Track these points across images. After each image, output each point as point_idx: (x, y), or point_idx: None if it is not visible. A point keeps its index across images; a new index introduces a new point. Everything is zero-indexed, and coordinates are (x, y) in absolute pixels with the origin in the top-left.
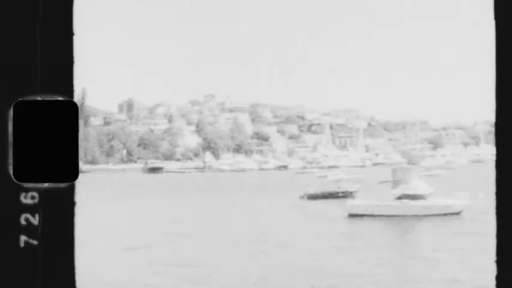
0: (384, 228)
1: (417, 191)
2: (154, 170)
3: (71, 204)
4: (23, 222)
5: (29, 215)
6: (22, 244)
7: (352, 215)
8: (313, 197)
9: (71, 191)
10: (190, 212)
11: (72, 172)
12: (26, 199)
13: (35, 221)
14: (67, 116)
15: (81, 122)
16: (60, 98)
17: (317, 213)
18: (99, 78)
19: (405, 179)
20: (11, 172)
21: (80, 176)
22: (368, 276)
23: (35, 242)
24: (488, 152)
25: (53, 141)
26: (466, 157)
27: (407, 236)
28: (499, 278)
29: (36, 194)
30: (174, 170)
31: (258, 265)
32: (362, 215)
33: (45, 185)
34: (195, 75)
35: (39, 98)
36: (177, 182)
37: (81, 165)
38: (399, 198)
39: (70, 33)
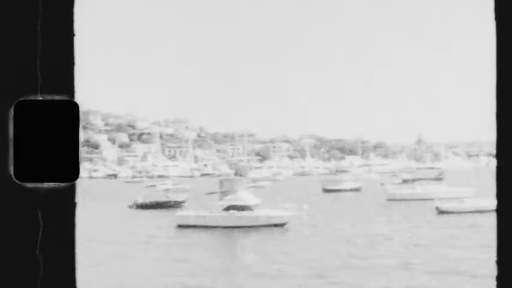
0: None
1: (244, 202)
2: None
3: (72, 204)
4: (23, 222)
5: (29, 215)
6: (22, 244)
7: (181, 226)
8: (142, 206)
9: (71, 191)
10: None
11: (72, 172)
12: (26, 199)
13: (36, 221)
14: (68, 116)
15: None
16: (60, 98)
17: (143, 225)
18: None
19: (232, 190)
20: (12, 172)
21: None
22: None
23: (35, 242)
24: (313, 165)
25: (53, 141)
26: (292, 169)
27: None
28: (499, 278)
29: (36, 194)
30: None
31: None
32: (190, 226)
33: (46, 185)
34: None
35: (40, 98)
36: None
37: None
38: (227, 209)
39: (71, 34)
